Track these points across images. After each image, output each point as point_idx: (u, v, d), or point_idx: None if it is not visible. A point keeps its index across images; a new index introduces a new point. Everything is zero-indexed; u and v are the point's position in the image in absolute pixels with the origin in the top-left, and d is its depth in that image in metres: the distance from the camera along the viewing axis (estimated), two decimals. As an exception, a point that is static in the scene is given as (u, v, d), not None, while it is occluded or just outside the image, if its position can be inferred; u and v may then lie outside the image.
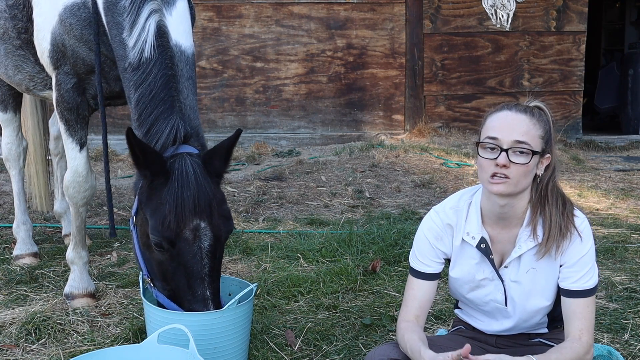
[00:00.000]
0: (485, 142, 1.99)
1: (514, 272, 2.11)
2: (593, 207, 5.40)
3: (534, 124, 2.00)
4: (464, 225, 2.14)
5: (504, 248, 2.12)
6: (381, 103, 8.45)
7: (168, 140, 2.52)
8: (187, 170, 2.40)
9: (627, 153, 8.45)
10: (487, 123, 2.04)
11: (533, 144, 1.97)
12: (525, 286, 2.10)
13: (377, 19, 8.28)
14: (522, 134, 1.96)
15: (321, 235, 4.33)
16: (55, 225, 4.78)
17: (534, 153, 1.96)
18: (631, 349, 2.75)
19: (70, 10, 2.98)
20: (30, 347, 2.82)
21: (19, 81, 3.52)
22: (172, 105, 2.60)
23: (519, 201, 2.04)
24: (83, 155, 3.21)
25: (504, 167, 1.94)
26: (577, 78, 8.67)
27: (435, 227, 2.19)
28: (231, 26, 8.13)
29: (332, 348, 2.81)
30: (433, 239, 2.19)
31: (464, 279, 2.18)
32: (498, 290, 2.14)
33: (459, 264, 2.18)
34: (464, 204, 2.17)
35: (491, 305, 2.18)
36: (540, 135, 2.00)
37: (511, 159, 1.94)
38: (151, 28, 2.67)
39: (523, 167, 1.95)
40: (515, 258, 2.09)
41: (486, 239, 2.10)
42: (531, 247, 2.06)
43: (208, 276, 2.42)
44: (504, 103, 2.11)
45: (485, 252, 2.11)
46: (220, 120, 8.24)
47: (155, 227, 2.39)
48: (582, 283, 2.05)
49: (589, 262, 2.06)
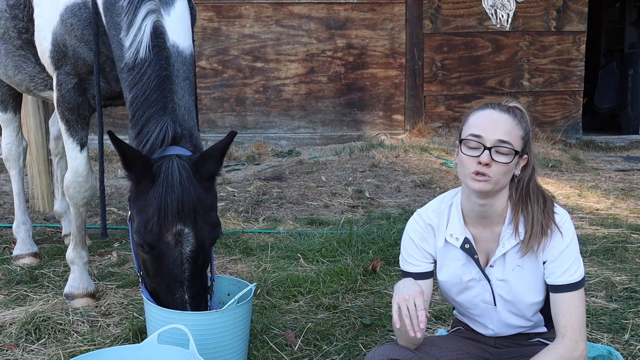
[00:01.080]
0: (468, 140, 2.01)
1: (500, 270, 2.11)
2: (593, 207, 5.40)
3: (516, 124, 2.03)
4: (446, 227, 2.15)
5: (488, 247, 2.13)
6: (381, 103, 8.45)
7: (157, 142, 2.49)
8: (172, 174, 2.37)
9: (627, 153, 8.45)
10: (470, 120, 2.06)
11: (515, 143, 2.00)
12: (513, 284, 2.10)
13: (377, 19, 8.29)
14: (506, 133, 1.99)
15: (321, 235, 4.32)
16: (55, 225, 4.78)
17: (515, 153, 1.99)
18: (631, 349, 2.75)
19: (71, 10, 2.98)
20: (30, 347, 2.82)
21: (19, 81, 3.52)
22: (165, 106, 2.59)
23: (498, 200, 2.07)
24: (84, 155, 3.21)
25: (486, 166, 1.97)
26: (577, 78, 8.67)
27: (418, 229, 2.21)
28: (231, 26, 8.13)
29: (332, 348, 2.81)
30: (418, 240, 2.20)
31: (451, 281, 2.18)
32: (486, 290, 2.14)
33: (445, 266, 2.18)
34: (445, 206, 2.19)
35: (481, 307, 2.18)
36: (521, 136, 2.03)
37: (494, 157, 1.97)
38: (147, 29, 2.66)
39: (504, 166, 1.98)
40: (500, 256, 2.10)
41: (470, 239, 2.12)
42: (514, 244, 2.07)
43: (188, 280, 2.40)
44: (486, 102, 2.14)
45: (470, 252, 2.12)
46: (220, 120, 8.24)
47: (138, 229, 2.39)
48: (567, 277, 2.04)
49: (571, 255, 2.06)
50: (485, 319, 2.22)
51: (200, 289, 2.48)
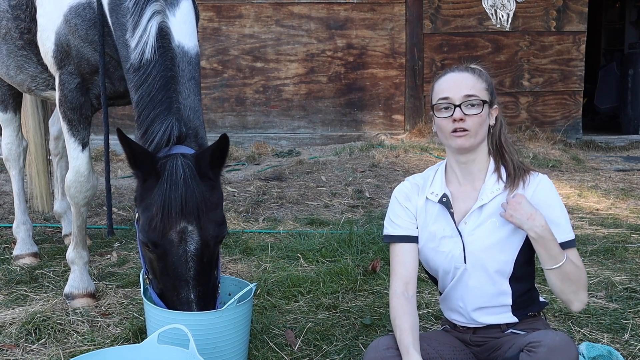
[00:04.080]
0: (439, 104, 2.17)
1: (472, 225, 2.18)
2: (593, 207, 5.40)
3: (476, 78, 2.19)
4: (429, 186, 2.29)
5: (466, 205, 2.22)
6: (381, 103, 8.45)
7: (162, 141, 2.50)
8: (177, 172, 2.38)
9: (627, 153, 8.45)
10: (435, 88, 2.23)
11: (481, 95, 2.16)
12: (484, 238, 2.16)
13: (377, 19, 8.29)
14: (470, 88, 2.15)
15: (321, 235, 4.32)
16: (55, 225, 4.78)
17: (484, 103, 2.15)
18: (631, 349, 2.75)
19: (75, 10, 2.99)
20: (30, 347, 2.82)
21: (21, 81, 3.52)
22: (170, 107, 2.60)
23: (479, 154, 2.21)
24: (85, 155, 3.21)
25: (461, 121, 2.13)
26: (577, 78, 8.68)
27: (404, 190, 2.34)
28: (231, 26, 8.13)
29: (332, 348, 2.81)
30: (402, 199, 2.31)
31: (426, 241, 2.26)
32: (457, 246, 2.19)
33: (423, 225, 2.27)
34: (432, 171, 2.35)
35: (452, 270, 2.21)
36: (485, 88, 2.19)
37: (465, 112, 2.13)
38: (152, 29, 2.67)
39: (477, 117, 2.14)
40: (476, 210, 2.18)
41: (447, 195, 2.24)
42: (497, 194, 2.17)
43: (193, 279, 2.40)
44: (446, 68, 2.32)
45: (447, 205, 2.22)
46: (221, 120, 8.24)
47: (143, 227, 2.40)
48: (565, 234, 2.13)
49: (562, 210, 2.17)
50: (457, 292, 2.23)
51: (207, 288, 2.48)
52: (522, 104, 8.56)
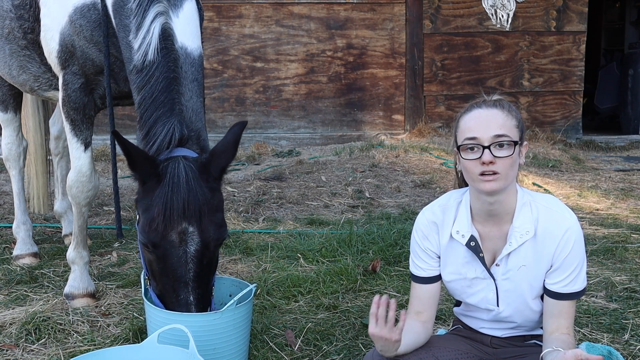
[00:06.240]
0: (465, 144, 1.98)
1: (504, 269, 2.09)
2: (593, 207, 5.40)
3: (506, 115, 2.00)
4: (452, 223, 2.13)
5: (495, 246, 2.10)
6: (381, 103, 8.45)
7: (163, 143, 2.51)
8: (179, 174, 2.38)
9: (627, 153, 8.45)
10: (461, 125, 2.04)
11: (511, 134, 1.97)
12: (517, 283, 2.08)
13: (377, 19, 8.29)
14: (499, 127, 1.96)
15: (321, 235, 4.33)
16: (55, 225, 4.78)
17: (515, 143, 1.97)
18: (631, 349, 2.75)
19: (80, 11, 2.99)
20: (30, 347, 2.82)
21: (24, 81, 3.52)
22: (172, 108, 2.60)
23: (508, 196, 2.04)
24: (87, 155, 3.21)
25: (491, 164, 1.94)
26: (577, 78, 8.68)
27: (420, 227, 2.19)
28: (231, 26, 8.13)
29: (332, 348, 2.81)
30: (420, 239, 2.19)
31: (455, 279, 2.17)
32: (490, 289, 2.12)
33: (450, 263, 2.17)
34: (454, 203, 2.16)
35: (483, 306, 2.17)
36: (516, 125, 2.01)
37: (495, 154, 1.94)
38: (155, 31, 2.67)
39: (508, 159, 1.95)
40: (506, 255, 2.08)
41: (476, 237, 2.09)
42: (526, 239, 2.04)
43: (193, 281, 2.40)
44: (471, 102, 2.11)
45: (475, 250, 2.09)
46: (220, 120, 8.24)
47: (143, 228, 2.40)
48: (573, 286, 2.05)
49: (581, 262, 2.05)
50: (485, 321, 2.22)
51: (207, 291, 2.48)
52: (522, 104, 8.56)
